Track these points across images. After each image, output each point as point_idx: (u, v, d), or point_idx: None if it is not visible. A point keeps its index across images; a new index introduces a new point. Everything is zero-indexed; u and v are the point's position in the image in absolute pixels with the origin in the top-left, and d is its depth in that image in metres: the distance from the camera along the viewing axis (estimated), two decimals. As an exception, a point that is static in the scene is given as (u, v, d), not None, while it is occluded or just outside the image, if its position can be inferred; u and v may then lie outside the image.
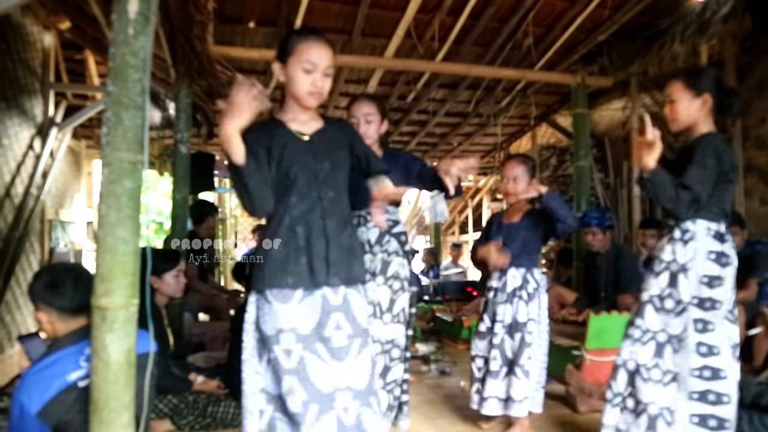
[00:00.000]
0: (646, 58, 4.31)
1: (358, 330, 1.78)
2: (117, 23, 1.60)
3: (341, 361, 1.73)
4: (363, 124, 2.50)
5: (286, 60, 1.80)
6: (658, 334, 2.18)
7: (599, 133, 6.67)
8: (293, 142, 1.83)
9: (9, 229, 4.57)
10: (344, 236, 1.84)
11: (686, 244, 2.12)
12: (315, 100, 1.82)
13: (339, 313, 1.76)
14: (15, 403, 1.63)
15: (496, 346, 2.57)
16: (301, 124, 1.86)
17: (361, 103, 2.54)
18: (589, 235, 4.34)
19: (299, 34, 1.83)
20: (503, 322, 2.59)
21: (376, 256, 2.46)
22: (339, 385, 1.71)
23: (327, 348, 1.72)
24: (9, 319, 4.54)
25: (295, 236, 1.77)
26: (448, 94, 5.91)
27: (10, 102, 4.59)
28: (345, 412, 1.70)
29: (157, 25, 3.30)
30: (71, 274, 1.78)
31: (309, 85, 1.78)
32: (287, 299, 1.73)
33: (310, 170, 1.81)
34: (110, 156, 1.57)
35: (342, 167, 1.89)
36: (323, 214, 1.80)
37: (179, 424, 2.64)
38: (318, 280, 1.75)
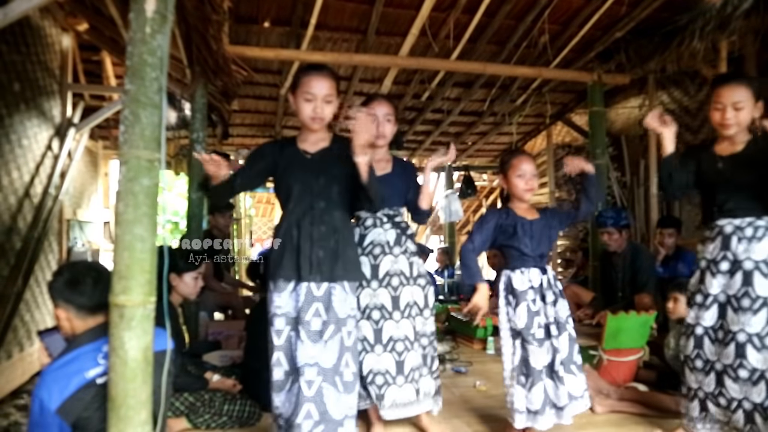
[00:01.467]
0: (664, 55, 4.25)
1: (333, 318, 2.13)
2: (134, 22, 1.61)
3: (314, 342, 2.09)
4: (383, 122, 2.56)
5: (294, 92, 2.20)
6: (738, 334, 2.24)
7: (616, 131, 6.60)
8: (297, 158, 2.23)
9: (28, 229, 4.63)
10: (331, 241, 2.17)
11: (760, 241, 2.26)
12: (317, 124, 2.19)
13: (319, 303, 2.12)
14: (35, 399, 1.64)
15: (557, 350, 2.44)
16: (309, 144, 2.25)
17: (382, 102, 2.60)
18: (605, 235, 4.29)
19: (303, 70, 2.24)
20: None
21: (398, 257, 2.51)
22: (308, 361, 2.07)
23: (305, 330, 2.09)
24: (28, 317, 4.60)
25: (290, 237, 2.16)
26: (463, 92, 5.89)
27: (29, 103, 4.65)
28: (307, 385, 2.05)
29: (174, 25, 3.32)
30: (91, 272, 1.78)
31: (311, 111, 2.16)
32: (282, 290, 2.16)
33: (306, 183, 2.19)
34: (128, 154, 1.58)
35: (337, 181, 2.21)
36: (312, 221, 2.16)
37: (195, 422, 2.65)
38: (303, 275, 2.12)
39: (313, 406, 2.06)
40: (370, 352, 2.43)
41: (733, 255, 2.29)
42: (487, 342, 4.38)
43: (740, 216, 2.29)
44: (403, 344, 2.46)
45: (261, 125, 6.65)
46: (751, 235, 2.27)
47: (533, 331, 2.40)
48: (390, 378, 2.42)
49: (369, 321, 2.45)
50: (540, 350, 2.39)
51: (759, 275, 2.23)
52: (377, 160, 2.54)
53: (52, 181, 5.07)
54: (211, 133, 5.94)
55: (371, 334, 2.44)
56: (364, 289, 2.47)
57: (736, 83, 2.28)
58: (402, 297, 2.48)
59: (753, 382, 2.21)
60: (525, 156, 2.62)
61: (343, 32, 4.51)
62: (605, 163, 4.84)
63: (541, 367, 2.39)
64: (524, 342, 2.41)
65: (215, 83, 4.28)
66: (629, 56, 4.54)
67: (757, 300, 2.21)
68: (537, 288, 2.46)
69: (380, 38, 4.58)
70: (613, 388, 3.08)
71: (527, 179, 2.53)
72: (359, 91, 5.76)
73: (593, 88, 4.76)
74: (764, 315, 2.21)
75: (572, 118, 7.01)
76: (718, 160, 2.36)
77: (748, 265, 2.25)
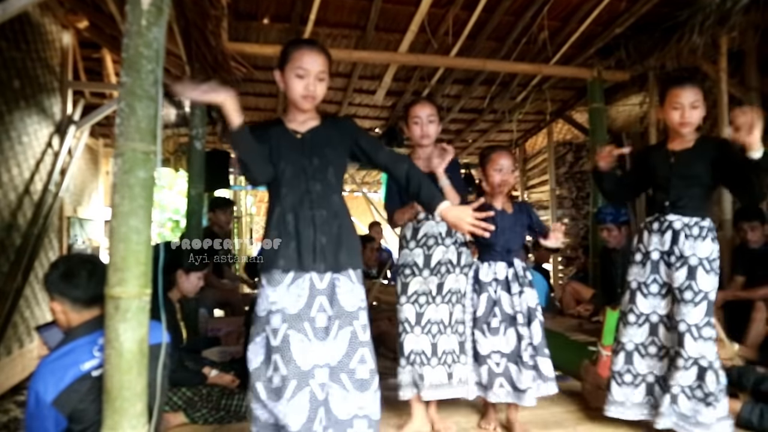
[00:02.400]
0: (664, 51, 4.23)
1: (339, 312, 1.93)
2: (130, 14, 1.61)
3: (322, 340, 1.89)
4: (426, 123, 2.66)
5: (283, 68, 1.98)
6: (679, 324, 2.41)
7: (617, 129, 6.58)
8: (286, 139, 2.01)
9: (28, 225, 4.64)
10: (333, 226, 1.98)
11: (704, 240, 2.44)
12: (309, 103, 1.99)
13: (323, 297, 1.92)
14: (31, 391, 1.65)
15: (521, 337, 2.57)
16: (297, 124, 2.05)
17: (424, 104, 2.68)
18: (604, 231, 4.29)
19: (294, 43, 2.02)
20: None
21: (448, 248, 2.63)
22: (318, 362, 1.86)
23: (312, 327, 1.88)
24: (28, 313, 4.61)
25: (285, 224, 1.95)
26: (463, 89, 5.88)
27: (29, 100, 4.66)
28: (320, 388, 1.85)
29: (172, 20, 3.33)
30: (86, 265, 1.79)
31: (302, 89, 1.95)
32: (278, 282, 1.91)
33: (298, 165, 1.98)
34: (123, 146, 1.58)
35: (332, 163, 2.02)
36: (311, 205, 1.96)
37: (193, 416, 2.66)
38: (305, 265, 1.91)
39: (323, 411, 1.86)
40: (410, 333, 2.60)
41: (679, 250, 2.43)
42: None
43: (689, 215, 2.45)
44: (437, 327, 2.60)
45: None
46: (697, 234, 2.43)
47: (488, 320, 2.57)
48: (425, 359, 2.58)
49: (414, 305, 2.62)
50: (486, 339, 2.55)
51: (702, 271, 2.39)
52: (424, 159, 2.69)
53: (53, 178, 5.08)
54: (211, 130, 5.95)
55: (413, 317, 2.61)
56: (415, 277, 2.62)
57: (691, 85, 2.43)
58: (446, 283, 2.62)
59: (686, 369, 2.39)
60: (504, 151, 2.70)
61: (342, 28, 4.51)
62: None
63: (486, 353, 2.55)
64: (474, 328, 2.59)
65: (215, 80, 4.28)
66: (629, 52, 4.52)
67: (699, 293, 2.38)
68: (501, 280, 2.60)
69: (379, 34, 4.57)
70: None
71: (504, 173, 2.61)
72: (359, 88, 5.76)
73: (593, 84, 4.75)
74: (704, 307, 2.38)
75: (573, 116, 6.99)
76: (671, 155, 2.51)
77: (693, 261, 2.40)
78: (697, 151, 2.45)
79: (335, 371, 1.91)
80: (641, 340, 2.56)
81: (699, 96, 2.41)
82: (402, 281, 2.66)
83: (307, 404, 1.81)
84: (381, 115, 6.59)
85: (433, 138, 2.70)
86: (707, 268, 2.39)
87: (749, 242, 3.77)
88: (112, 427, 1.54)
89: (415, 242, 2.65)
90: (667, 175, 2.49)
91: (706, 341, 2.36)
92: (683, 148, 2.48)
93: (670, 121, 2.47)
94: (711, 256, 2.40)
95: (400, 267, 2.70)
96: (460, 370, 2.60)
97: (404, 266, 2.68)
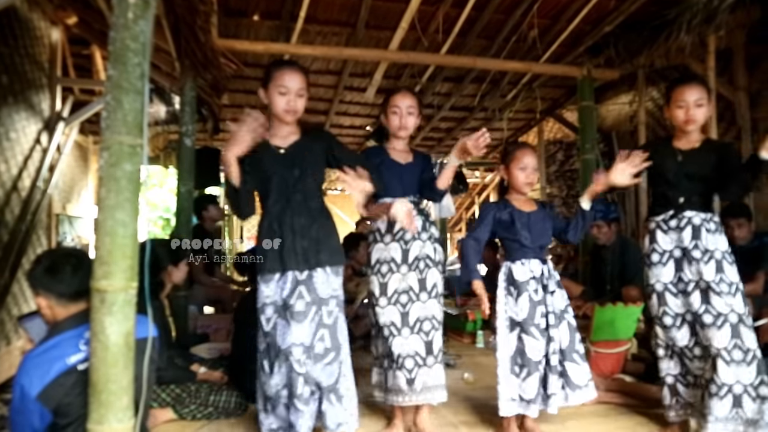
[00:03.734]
0: (653, 49, 4.26)
1: (315, 299, 2.23)
2: (117, 7, 1.61)
3: (299, 322, 2.19)
4: (405, 115, 2.60)
5: (267, 86, 2.26)
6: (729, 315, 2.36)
7: (607, 128, 6.63)
8: (271, 154, 2.29)
9: (16, 222, 4.60)
10: (312, 230, 2.27)
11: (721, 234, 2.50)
12: (290, 117, 2.27)
13: (302, 286, 2.23)
14: (16, 385, 1.64)
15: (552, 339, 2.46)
16: (280, 139, 2.32)
17: (405, 94, 2.63)
18: (594, 228, 4.31)
19: (276, 64, 2.31)
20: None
21: (425, 242, 2.58)
22: (294, 341, 2.17)
23: (290, 312, 2.20)
24: (16, 311, 4.57)
25: (272, 232, 2.26)
26: (453, 87, 5.89)
27: (17, 96, 4.62)
28: (298, 364, 2.17)
29: (162, 16, 3.32)
30: (71, 259, 1.78)
31: (285, 104, 2.23)
32: (269, 280, 2.26)
33: (282, 178, 2.27)
34: (110, 139, 1.57)
35: (311, 173, 2.32)
36: (292, 213, 2.26)
37: (181, 412, 2.65)
38: (288, 265, 2.22)
39: (302, 379, 2.17)
40: (397, 336, 2.49)
41: (703, 245, 2.42)
42: (476, 336, 4.39)
43: (704, 210, 2.47)
44: (430, 323, 2.53)
45: (252, 120, 6.62)
46: (714, 228, 2.46)
47: (536, 321, 2.42)
48: (420, 359, 2.49)
49: (396, 305, 2.51)
50: (538, 342, 2.41)
51: (726, 263, 2.40)
52: (400, 150, 2.66)
53: (41, 175, 5.04)
54: (201, 128, 5.92)
55: (398, 319, 2.50)
56: (394, 274, 2.53)
57: (696, 83, 2.44)
58: (428, 279, 2.56)
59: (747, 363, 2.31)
60: (528, 149, 2.64)
61: (332, 26, 4.50)
62: (595, 158, 4.85)
63: (538, 359, 2.40)
64: (522, 332, 2.41)
65: (204, 77, 4.26)
66: (618, 51, 4.54)
67: (732, 285, 2.37)
68: (538, 278, 2.48)
69: (370, 32, 4.57)
70: (600, 379, 3.09)
71: (528, 172, 2.55)
72: (349, 86, 5.76)
73: (583, 83, 4.77)
74: (741, 297, 2.37)
75: (563, 114, 7.03)
76: (678, 153, 2.50)
77: (717, 255, 2.40)
78: (703, 152, 2.47)
79: (310, 350, 2.21)
80: (685, 342, 2.47)
81: (703, 94, 2.41)
82: (380, 281, 2.53)
83: (285, 375, 2.20)
84: (371, 113, 6.59)
85: (410, 130, 2.63)
86: (729, 260, 2.41)
87: (736, 239, 3.80)
88: (97, 421, 1.54)
89: (391, 236, 2.55)
90: (677, 173, 2.49)
91: (750, 330, 2.35)
92: (690, 147, 2.49)
93: (675, 119, 2.47)
94: (729, 249, 2.44)
95: (376, 264, 2.56)
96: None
97: (380, 263, 2.55)
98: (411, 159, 2.67)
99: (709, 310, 2.37)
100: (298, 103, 2.25)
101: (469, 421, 2.72)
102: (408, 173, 2.62)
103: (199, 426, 2.63)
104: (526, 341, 2.39)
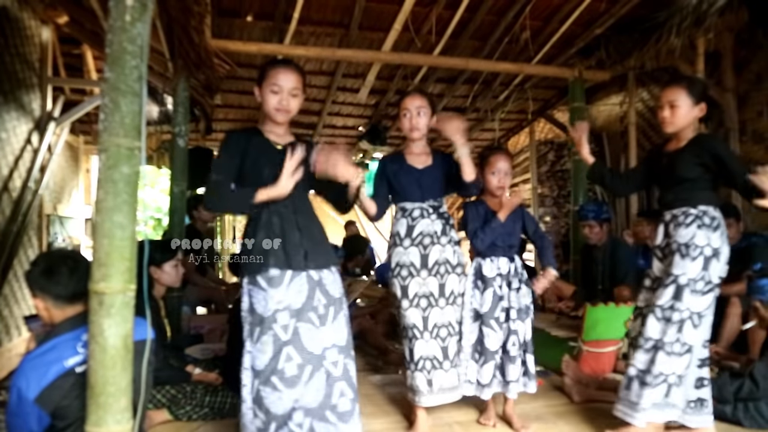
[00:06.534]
0: (643, 51, 4.31)
1: (331, 300, 2.15)
2: (114, 10, 1.60)
3: (325, 325, 2.10)
4: (415, 116, 2.60)
5: (261, 84, 2.21)
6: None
7: (597, 128, 6.68)
8: (268, 149, 2.21)
9: (7, 223, 4.57)
10: (314, 229, 2.22)
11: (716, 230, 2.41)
12: (282, 116, 2.20)
13: (318, 288, 2.13)
14: (13, 388, 1.63)
15: (513, 332, 2.60)
16: (276, 136, 2.25)
17: (414, 96, 2.64)
18: (586, 228, 4.35)
19: (271, 63, 2.25)
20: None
21: (444, 247, 2.60)
22: (326, 344, 2.08)
23: (317, 315, 2.09)
24: (7, 312, 4.54)
25: (271, 227, 2.13)
26: (446, 88, 5.92)
27: (7, 96, 4.59)
28: (334, 366, 2.08)
29: (155, 17, 3.31)
30: (68, 261, 1.78)
31: (276, 103, 2.17)
32: (278, 283, 2.06)
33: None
34: (107, 142, 1.57)
35: (307, 174, 2.22)
36: (295, 209, 2.17)
37: (177, 413, 2.65)
38: (296, 264, 2.09)
39: (345, 383, 2.10)
40: (420, 338, 2.55)
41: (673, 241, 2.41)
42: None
43: (677, 207, 2.43)
44: (447, 330, 2.59)
45: (244, 120, 6.62)
46: (682, 221, 2.40)
47: (497, 314, 2.58)
48: (437, 363, 2.56)
49: (417, 308, 2.56)
50: (496, 334, 2.57)
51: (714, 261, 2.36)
52: (416, 153, 2.67)
53: (32, 175, 5.01)
54: (194, 128, 5.91)
55: (420, 322, 2.55)
56: (414, 278, 2.56)
57: (674, 84, 2.43)
58: (447, 284, 2.59)
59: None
60: (502, 154, 2.71)
61: (326, 27, 4.52)
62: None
63: (495, 348, 2.58)
64: (483, 324, 2.58)
65: (198, 77, 4.26)
66: (609, 53, 4.60)
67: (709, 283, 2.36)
68: (504, 275, 2.62)
69: (363, 33, 4.59)
70: (591, 378, 3.13)
71: (500, 176, 2.65)
72: (342, 86, 5.77)
73: (574, 84, 4.81)
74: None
75: (554, 115, 7.08)
76: (663, 156, 2.53)
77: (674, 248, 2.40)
78: (686, 151, 2.43)
79: (346, 350, 2.14)
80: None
81: (680, 95, 2.38)
82: (400, 284, 2.57)
83: (324, 383, 2.05)
84: (364, 114, 6.61)
85: (423, 131, 2.63)
86: (683, 253, 2.34)
87: (725, 239, 3.84)
88: (96, 423, 1.53)
89: (410, 240, 2.58)
90: (660, 175, 2.54)
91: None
92: (676, 148, 2.48)
93: (659, 120, 2.49)
94: (692, 241, 2.33)
95: (396, 267, 2.60)
96: (463, 370, 2.62)
97: (400, 266, 2.58)
98: (430, 162, 2.67)
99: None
100: (291, 102, 2.18)
101: (463, 421, 2.74)
102: (427, 177, 2.62)
103: (194, 427, 2.63)
104: (485, 332, 2.57)
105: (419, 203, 2.62)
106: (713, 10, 3.60)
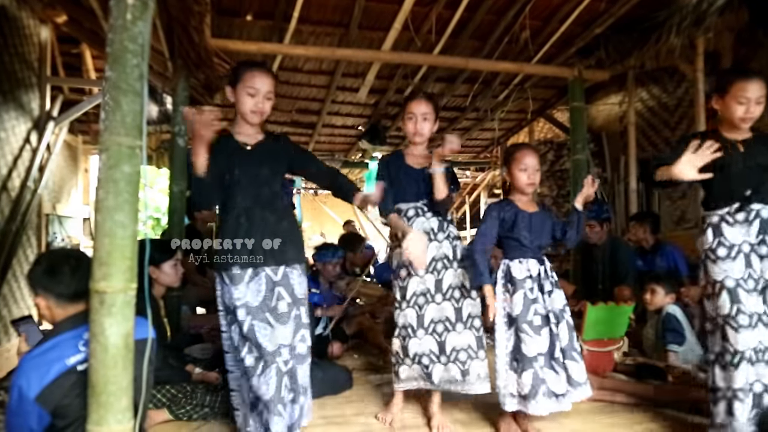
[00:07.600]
0: (643, 51, 4.31)
1: (295, 299, 2.27)
2: (115, 9, 1.60)
3: (284, 324, 2.21)
4: (420, 121, 2.63)
5: (235, 86, 2.25)
6: None
7: (596, 128, 6.69)
8: (237, 150, 2.28)
9: (6, 222, 4.57)
10: (280, 227, 2.28)
11: None
12: (257, 118, 2.27)
13: (281, 287, 2.24)
14: (13, 387, 1.63)
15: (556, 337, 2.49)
16: (246, 137, 2.32)
17: (421, 101, 2.65)
18: (586, 228, 4.35)
19: (246, 65, 2.30)
20: None
21: (442, 243, 2.62)
22: (282, 342, 2.19)
23: (273, 315, 2.20)
24: (6, 312, 4.54)
25: (239, 226, 2.23)
26: (446, 87, 5.92)
27: (6, 95, 4.58)
28: (284, 364, 2.18)
29: (155, 16, 3.29)
30: (70, 260, 1.78)
31: (253, 105, 2.24)
32: (239, 281, 2.19)
33: (250, 173, 2.27)
34: (108, 141, 1.57)
35: (277, 172, 2.35)
36: (262, 208, 2.27)
37: (177, 413, 2.65)
38: (259, 262, 2.20)
39: (287, 379, 2.19)
40: (413, 337, 2.58)
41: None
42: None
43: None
44: (443, 325, 2.58)
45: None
46: None
47: (530, 318, 2.44)
48: (434, 357, 2.56)
49: (414, 308, 2.59)
50: (532, 339, 2.42)
51: None
52: (417, 156, 2.70)
53: (31, 175, 5.00)
54: (193, 127, 5.89)
55: (415, 321, 2.58)
56: (412, 278, 2.58)
57: (759, 79, 2.27)
58: (445, 279, 2.59)
59: None
60: (529, 149, 2.64)
61: (325, 26, 4.51)
62: (585, 158, 4.89)
63: (533, 354, 2.41)
64: (518, 330, 2.44)
65: (197, 76, 4.25)
66: (609, 52, 4.59)
67: None
68: (535, 277, 2.51)
69: (363, 32, 4.58)
70: (592, 377, 3.12)
71: (530, 173, 2.56)
72: (342, 86, 5.77)
73: (574, 83, 4.81)
74: None
75: (554, 115, 7.08)
76: (734, 144, 2.33)
77: None
78: (759, 144, 2.32)
79: (294, 348, 2.25)
80: (755, 344, 2.22)
81: (765, 91, 2.26)
82: (400, 285, 2.61)
83: (275, 378, 2.14)
84: (364, 113, 6.60)
85: (426, 136, 2.67)
86: None
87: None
88: (97, 422, 1.54)
89: None
90: (738, 165, 2.31)
91: None
92: (745, 138, 2.33)
93: (730, 113, 2.29)
94: None
95: (396, 269, 2.63)
96: (477, 367, 2.55)
97: (399, 268, 2.61)
98: (428, 164, 2.66)
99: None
100: (266, 105, 2.26)
101: (465, 420, 2.74)
102: (424, 178, 2.64)
103: (194, 427, 2.62)
104: (522, 338, 2.42)
105: (413, 203, 2.66)
106: (713, 9, 3.60)
